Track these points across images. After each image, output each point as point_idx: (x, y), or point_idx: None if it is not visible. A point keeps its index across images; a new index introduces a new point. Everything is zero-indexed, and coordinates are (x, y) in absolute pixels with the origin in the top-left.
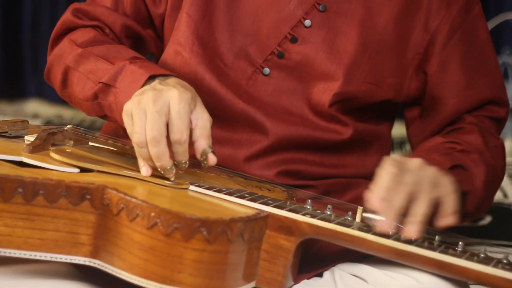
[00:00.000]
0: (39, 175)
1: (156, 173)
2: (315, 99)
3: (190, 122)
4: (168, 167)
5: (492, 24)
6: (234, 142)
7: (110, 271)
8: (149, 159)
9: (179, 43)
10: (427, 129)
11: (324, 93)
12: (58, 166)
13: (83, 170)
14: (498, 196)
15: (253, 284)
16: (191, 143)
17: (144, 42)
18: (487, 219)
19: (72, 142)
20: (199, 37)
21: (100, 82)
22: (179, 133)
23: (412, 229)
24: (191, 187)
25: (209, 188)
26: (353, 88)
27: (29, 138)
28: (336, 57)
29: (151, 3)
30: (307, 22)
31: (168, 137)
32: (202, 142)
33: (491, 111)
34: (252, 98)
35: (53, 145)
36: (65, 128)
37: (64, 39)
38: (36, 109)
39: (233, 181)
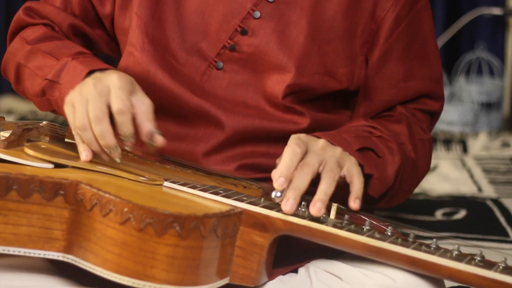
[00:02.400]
0: (12, 170)
1: (129, 169)
2: (269, 91)
3: (132, 105)
4: (113, 145)
5: (467, 19)
6: (192, 137)
7: (83, 267)
8: (93, 141)
9: (131, 44)
10: (357, 116)
11: (277, 84)
12: (32, 162)
13: (57, 165)
14: (473, 190)
15: (226, 280)
16: (138, 136)
17: (93, 42)
18: (462, 213)
19: (47, 138)
20: (149, 36)
21: (46, 79)
22: (121, 102)
23: (316, 207)
24: (166, 183)
25: (183, 184)
26: (306, 79)
27: (4, 134)
28: (287, 48)
29: (98, 3)
30: (256, 14)
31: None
32: (147, 125)
33: (425, 104)
34: (207, 94)
35: (28, 141)
36: (41, 124)
37: (17, 37)
38: (10, 105)
39: (208, 178)
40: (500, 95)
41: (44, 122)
